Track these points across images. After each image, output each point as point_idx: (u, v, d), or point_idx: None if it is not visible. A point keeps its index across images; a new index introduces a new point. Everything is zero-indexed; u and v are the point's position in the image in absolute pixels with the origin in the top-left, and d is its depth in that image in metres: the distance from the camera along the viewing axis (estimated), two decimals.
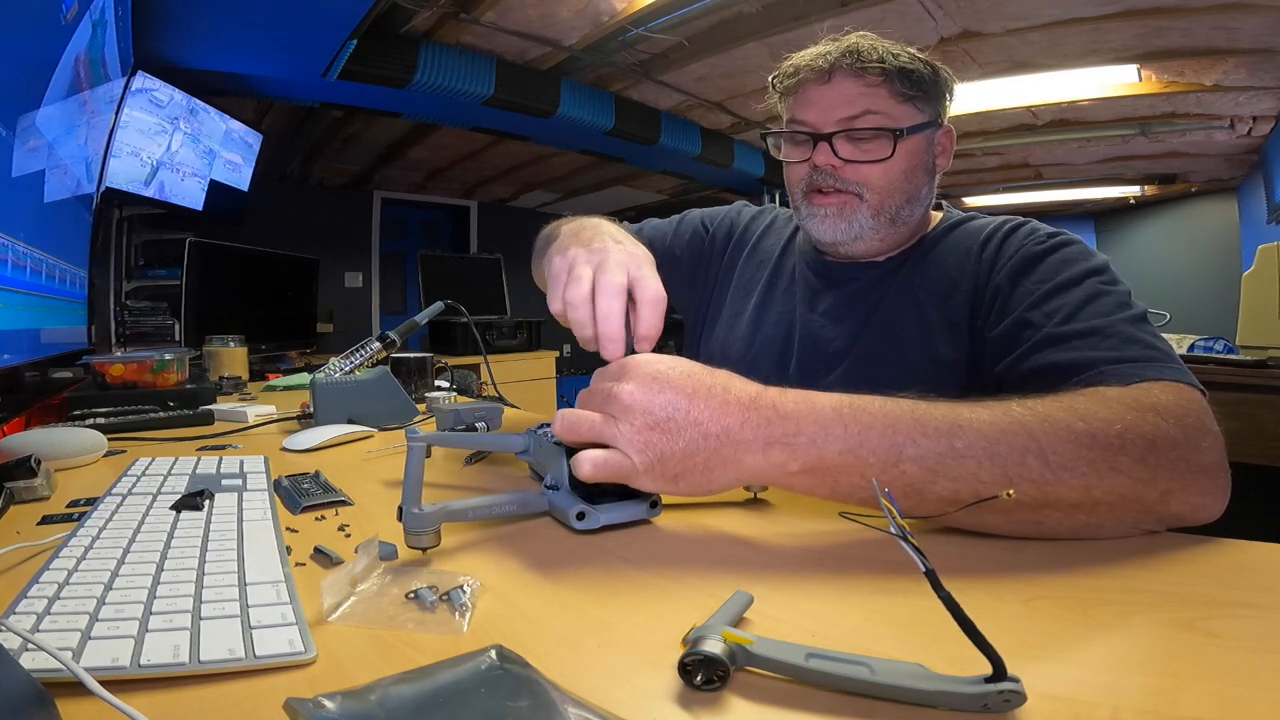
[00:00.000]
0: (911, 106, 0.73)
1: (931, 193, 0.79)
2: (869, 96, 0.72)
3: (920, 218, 0.79)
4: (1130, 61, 2.95)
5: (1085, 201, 5.65)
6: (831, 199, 0.75)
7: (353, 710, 0.24)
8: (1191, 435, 0.48)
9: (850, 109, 0.72)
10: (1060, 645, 0.33)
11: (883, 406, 0.45)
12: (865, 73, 0.71)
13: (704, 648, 0.29)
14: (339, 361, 1.10)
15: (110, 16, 1.48)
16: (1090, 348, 0.58)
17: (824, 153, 0.74)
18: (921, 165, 0.76)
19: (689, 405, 0.44)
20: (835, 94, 0.73)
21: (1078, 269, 0.66)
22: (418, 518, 0.45)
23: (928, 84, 0.73)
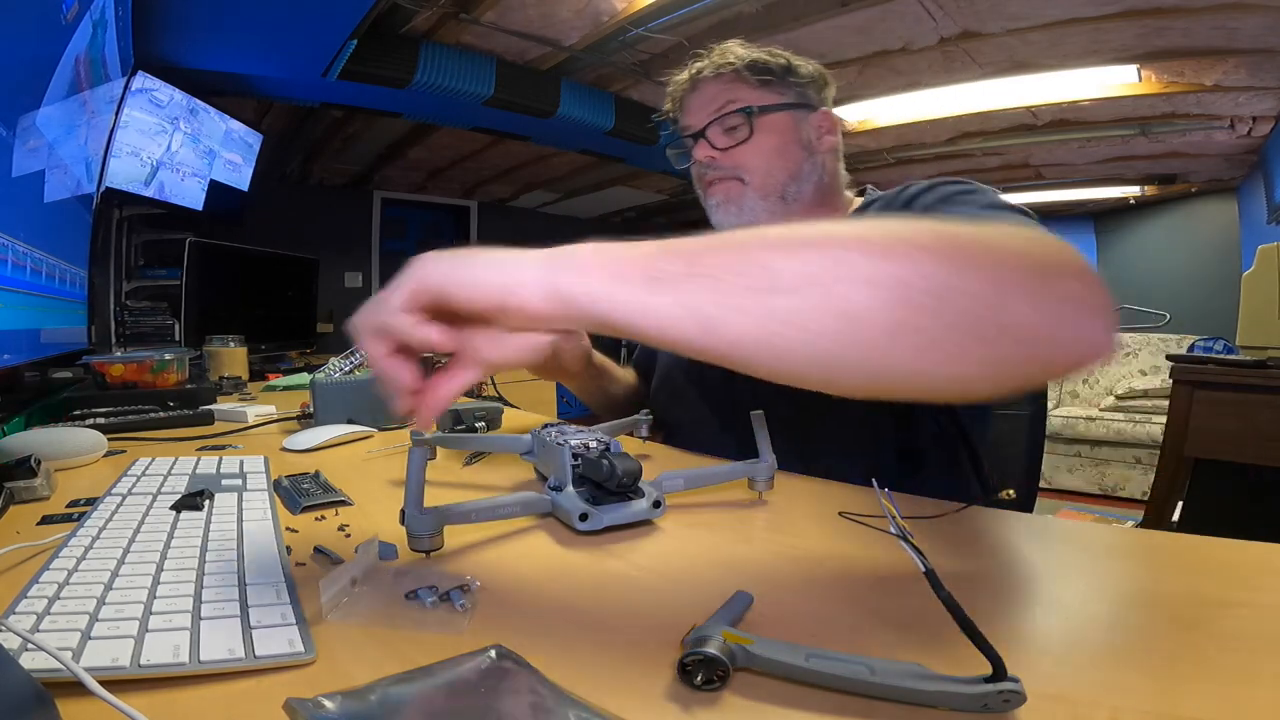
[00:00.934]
0: (769, 91, 0.81)
1: (822, 168, 0.83)
2: (727, 90, 0.81)
3: (817, 196, 0.82)
4: (1130, 61, 2.95)
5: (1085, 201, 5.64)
6: (718, 188, 0.81)
7: (353, 710, 0.24)
8: (1054, 249, 0.39)
9: (715, 104, 0.81)
10: (1060, 645, 0.33)
11: (697, 238, 0.37)
12: (721, 72, 0.81)
13: (704, 648, 0.29)
14: (339, 361, 1.10)
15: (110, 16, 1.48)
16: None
17: (701, 147, 0.82)
18: (794, 141, 0.81)
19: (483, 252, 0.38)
20: (702, 97, 0.83)
21: (968, 196, 0.67)
22: (420, 520, 0.45)
23: (779, 70, 0.81)
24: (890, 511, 0.29)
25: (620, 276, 0.35)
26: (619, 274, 0.35)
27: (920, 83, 3.27)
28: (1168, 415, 1.92)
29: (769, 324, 0.34)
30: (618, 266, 0.36)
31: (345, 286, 4.75)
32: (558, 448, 0.56)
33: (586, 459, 0.54)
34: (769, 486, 0.59)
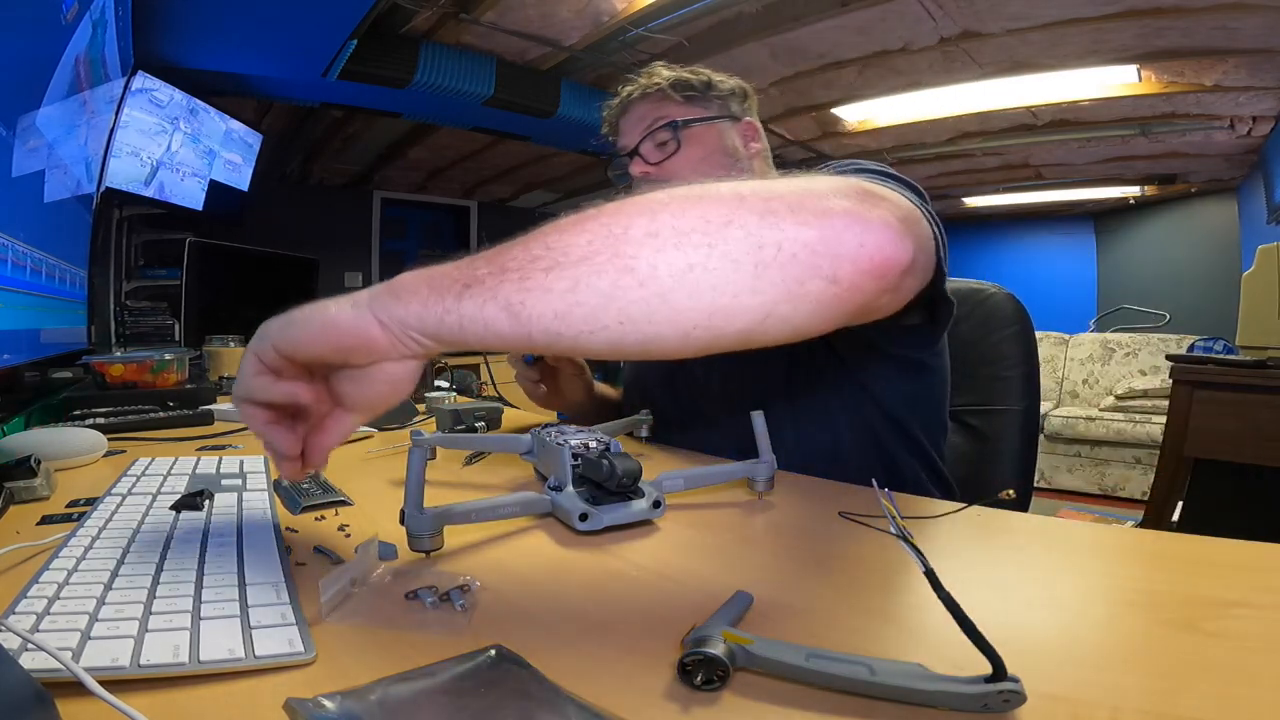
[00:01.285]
0: (693, 106, 0.86)
1: (750, 176, 0.87)
2: (656, 109, 0.86)
3: None
4: (1130, 62, 2.95)
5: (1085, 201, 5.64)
6: None
7: (353, 710, 0.24)
8: (837, 182, 0.40)
9: (644, 122, 0.86)
10: (1060, 645, 0.33)
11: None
12: (648, 92, 0.87)
13: (704, 648, 0.29)
14: None
15: (110, 16, 1.48)
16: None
17: (636, 164, 0.87)
18: (720, 150, 0.86)
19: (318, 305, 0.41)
20: (632, 117, 0.88)
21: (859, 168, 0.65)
22: (420, 520, 0.45)
23: (700, 87, 0.86)
24: (890, 511, 0.29)
25: (437, 291, 0.38)
26: (436, 290, 0.38)
27: (920, 83, 3.27)
28: (1168, 415, 1.92)
29: (568, 297, 0.35)
30: (434, 283, 0.38)
31: (345, 287, 4.74)
32: (557, 448, 0.56)
33: (586, 459, 0.54)
34: (769, 487, 0.59)
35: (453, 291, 0.37)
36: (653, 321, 0.36)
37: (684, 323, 0.36)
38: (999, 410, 0.98)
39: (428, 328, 0.38)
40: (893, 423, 0.78)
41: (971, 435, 1.01)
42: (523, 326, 0.36)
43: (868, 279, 0.38)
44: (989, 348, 1.01)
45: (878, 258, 0.38)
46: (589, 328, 0.36)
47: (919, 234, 0.42)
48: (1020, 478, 0.97)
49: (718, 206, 0.37)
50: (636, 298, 0.35)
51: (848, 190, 0.40)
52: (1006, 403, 0.98)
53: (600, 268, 0.35)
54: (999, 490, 0.94)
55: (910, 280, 0.42)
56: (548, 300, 0.36)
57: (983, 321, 1.02)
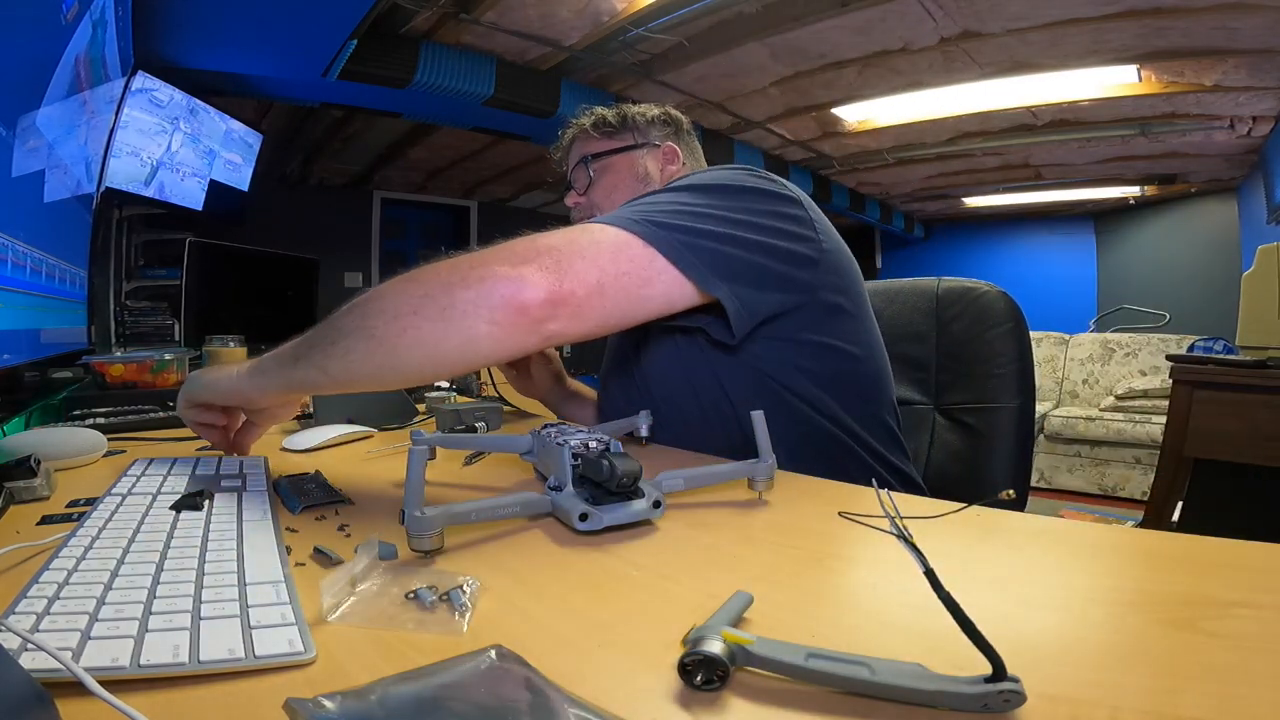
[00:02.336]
0: (609, 139, 0.98)
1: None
2: (581, 147, 1.00)
3: None
4: (1130, 62, 2.95)
5: (1085, 201, 5.64)
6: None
7: (353, 710, 0.24)
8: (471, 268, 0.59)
9: (572, 159, 1.01)
10: (1060, 645, 0.33)
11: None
12: (576, 136, 1.01)
13: (704, 648, 0.29)
14: None
15: (110, 16, 1.48)
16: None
17: (570, 196, 1.00)
18: (631, 175, 0.96)
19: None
20: (570, 157, 1.02)
21: (689, 181, 0.77)
22: (420, 521, 0.45)
23: (615, 122, 0.98)
24: (890, 511, 0.29)
25: (281, 365, 0.63)
26: (280, 364, 0.63)
27: (920, 83, 3.27)
28: (1167, 415, 1.92)
29: (348, 357, 0.59)
30: (279, 360, 0.63)
31: (345, 286, 4.75)
32: (558, 448, 0.56)
33: (586, 459, 0.54)
34: (769, 486, 0.59)
35: (288, 364, 0.62)
36: (396, 366, 0.58)
37: (415, 363, 0.58)
38: (993, 408, 0.99)
39: (279, 386, 0.64)
40: (800, 396, 0.79)
41: (966, 432, 1.01)
42: (330, 377, 0.60)
43: (514, 315, 0.58)
44: (982, 345, 1.01)
45: (514, 302, 0.58)
46: (364, 372, 0.59)
47: (567, 275, 0.60)
48: (1016, 474, 0.97)
49: (421, 285, 0.59)
50: (382, 351, 0.58)
51: (519, 253, 0.61)
52: (1001, 400, 0.98)
53: (358, 336, 0.58)
54: (995, 487, 0.94)
55: (564, 308, 0.60)
56: (337, 360, 0.59)
57: (976, 319, 1.02)
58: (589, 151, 0.98)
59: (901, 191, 5.72)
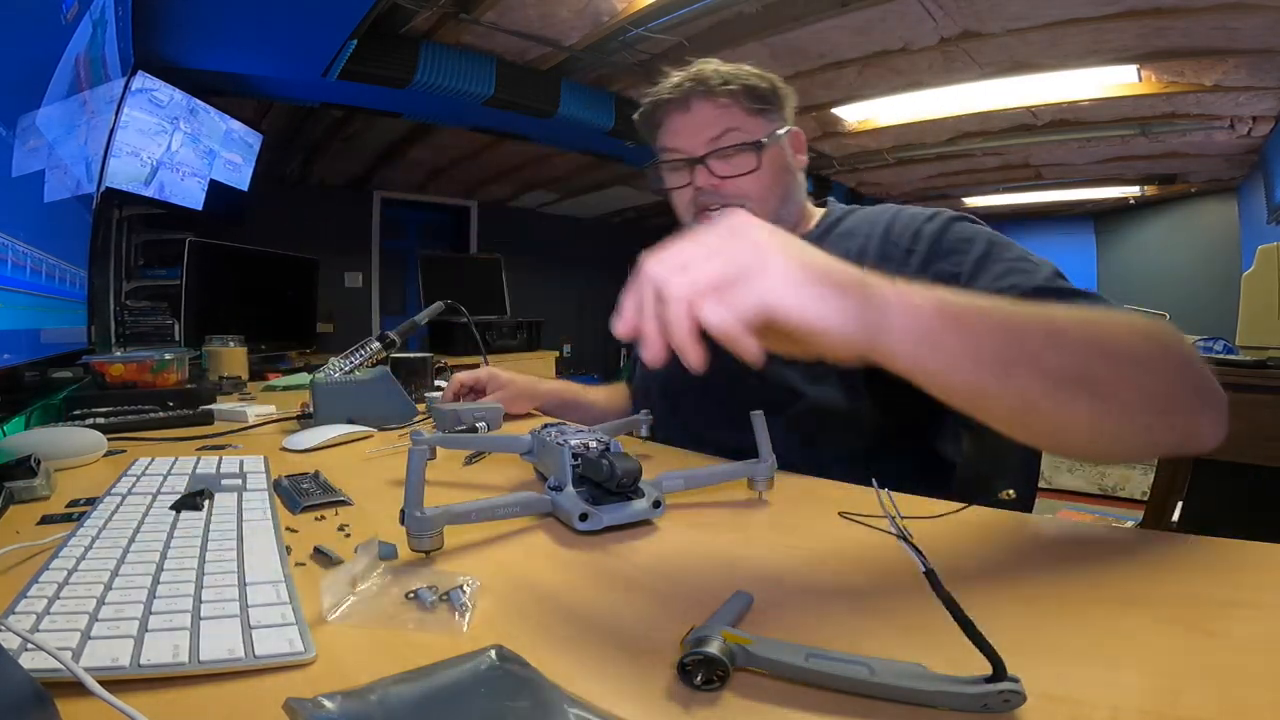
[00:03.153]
0: (762, 118, 0.82)
1: (801, 189, 0.87)
2: (726, 116, 0.80)
3: (795, 214, 0.86)
4: (1130, 62, 2.95)
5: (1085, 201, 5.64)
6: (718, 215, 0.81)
7: (353, 710, 0.24)
8: (1200, 359, 0.50)
9: (712, 130, 0.80)
10: (1060, 645, 0.33)
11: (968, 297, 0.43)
12: (717, 95, 0.80)
13: (704, 648, 0.29)
14: (339, 361, 1.10)
15: (110, 16, 1.48)
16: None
17: (702, 174, 0.81)
18: (784, 168, 0.84)
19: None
20: (697, 119, 0.81)
21: (981, 245, 0.70)
22: (420, 521, 0.45)
23: (770, 96, 0.82)
24: (890, 511, 0.29)
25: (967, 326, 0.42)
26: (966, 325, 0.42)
27: (920, 83, 3.27)
28: None
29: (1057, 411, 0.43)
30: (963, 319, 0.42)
31: (345, 287, 4.75)
32: (558, 448, 0.56)
33: (586, 459, 0.54)
34: (769, 486, 0.59)
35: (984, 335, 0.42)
36: (1059, 422, 0.44)
37: (1068, 430, 0.45)
38: None
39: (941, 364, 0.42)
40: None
41: (971, 434, 1.01)
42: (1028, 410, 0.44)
43: (1182, 444, 0.49)
44: None
45: (1208, 436, 0.48)
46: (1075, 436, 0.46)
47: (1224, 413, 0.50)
48: (1023, 477, 0.97)
49: (1161, 389, 0.46)
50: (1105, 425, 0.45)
51: (1209, 394, 0.49)
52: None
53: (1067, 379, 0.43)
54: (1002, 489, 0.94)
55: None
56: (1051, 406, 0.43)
57: None
58: (745, 129, 0.80)
59: (902, 191, 5.72)
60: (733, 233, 0.38)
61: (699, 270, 0.36)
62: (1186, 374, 0.48)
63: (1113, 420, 0.44)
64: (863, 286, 0.38)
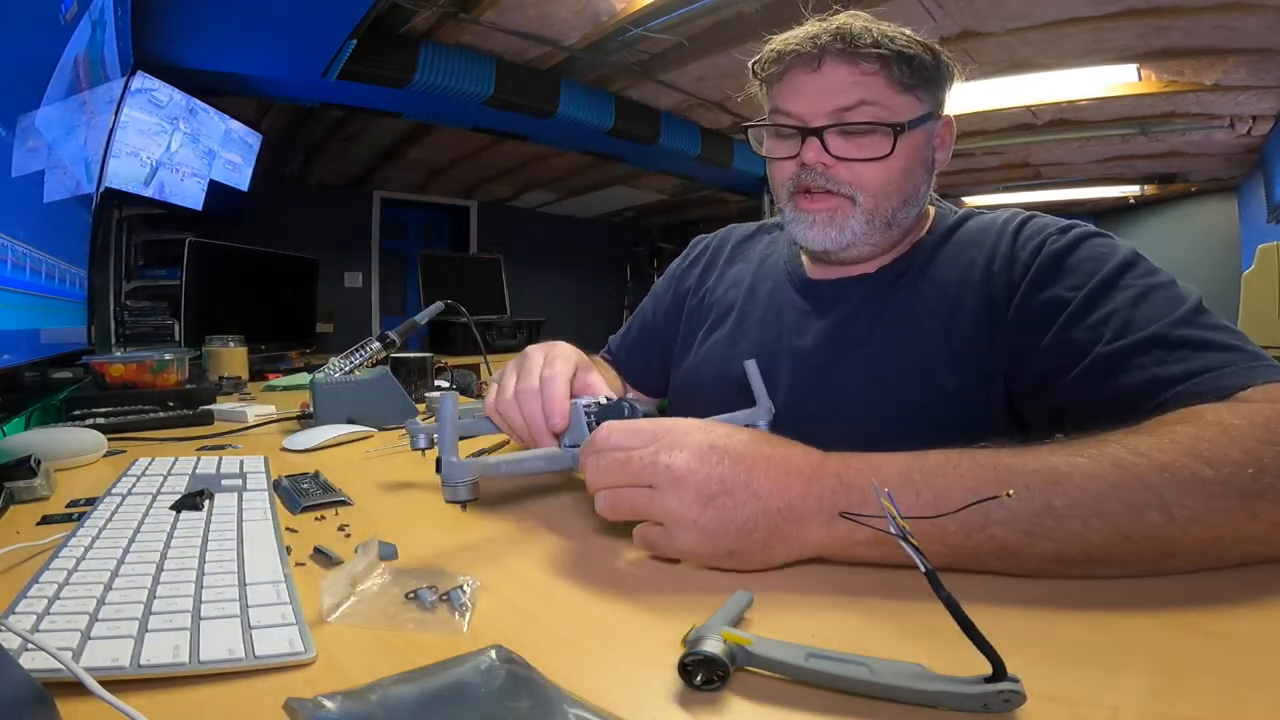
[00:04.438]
0: (911, 97, 0.65)
1: (929, 191, 0.73)
2: (865, 85, 0.64)
3: (916, 218, 0.72)
4: (1130, 61, 2.95)
5: (1085, 201, 5.64)
6: (821, 204, 0.68)
7: (353, 710, 0.24)
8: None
9: (844, 99, 0.64)
10: (1060, 645, 0.33)
11: (959, 466, 0.40)
12: (860, 58, 0.63)
13: (704, 648, 0.29)
14: (339, 361, 1.10)
15: (109, 16, 1.48)
16: (1158, 364, 0.51)
17: (814, 148, 0.65)
18: (921, 162, 0.69)
19: (748, 477, 0.41)
20: (826, 82, 0.65)
21: (1109, 266, 0.58)
22: (455, 467, 0.45)
23: (929, 71, 0.66)
24: (890, 511, 0.29)
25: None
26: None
27: None
28: None
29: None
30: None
31: (345, 286, 4.75)
32: (571, 405, 0.55)
33: (604, 408, 0.53)
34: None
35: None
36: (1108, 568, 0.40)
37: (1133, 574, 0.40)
38: None
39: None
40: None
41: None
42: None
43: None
44: None
45: None
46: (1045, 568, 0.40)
47: None
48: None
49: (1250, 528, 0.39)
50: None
51: None
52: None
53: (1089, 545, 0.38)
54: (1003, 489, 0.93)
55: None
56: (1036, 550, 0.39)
57: None
58: (897, 114, 0.64)
59: None
60: (655, 441, 0.43)
61: (614, 473, 0.43)
62: None
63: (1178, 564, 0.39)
64: (774, 523, 0.41)
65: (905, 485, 0.40)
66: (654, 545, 0.43)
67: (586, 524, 0.53)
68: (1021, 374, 0.62)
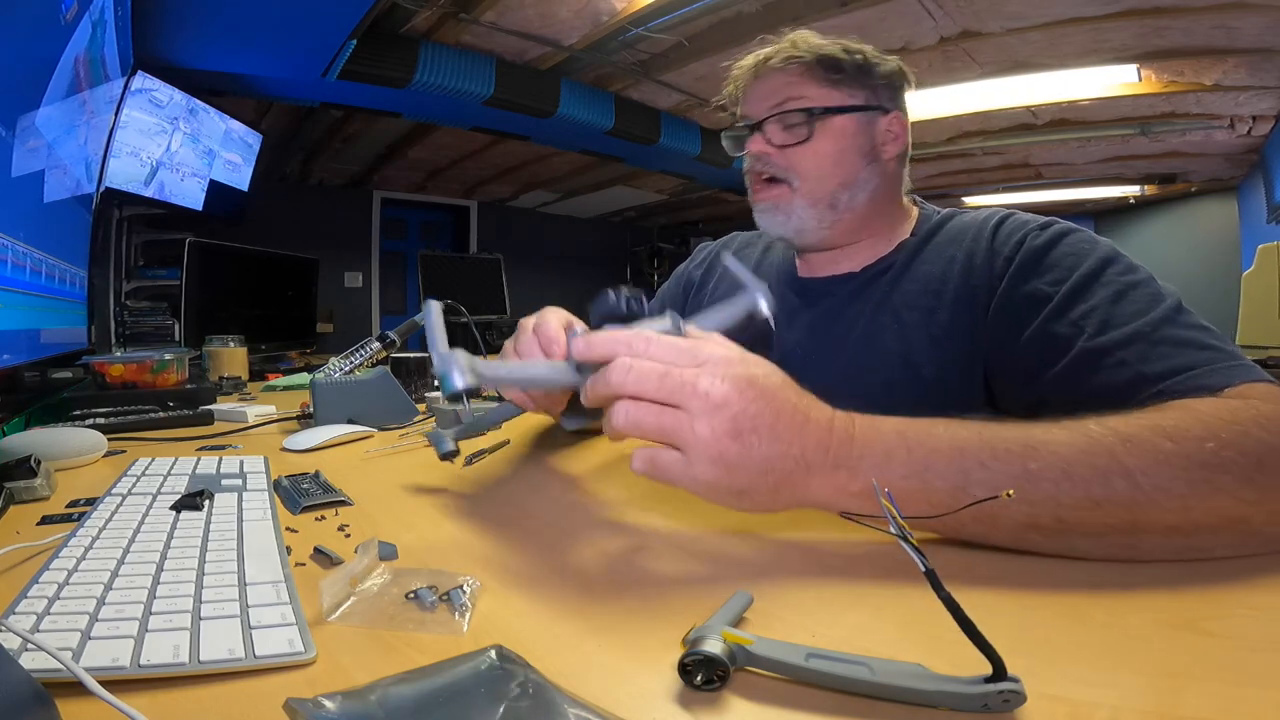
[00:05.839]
0: (837, 90, 0.75)
1: (881, 179, 0.77)
2: (794, 85, 0.75)
3: (870, 205, 0.77)
4: (1130, 61, 2.95)
5: (1085, 201, 5.65)
6: (768, 193, 0.77)
7: (353, 710, 0.24)
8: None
9: (777, 96, 0.76)
10: (1060, 645, 0.33)
11: (948, 429, 0.43)
12: (789, 64, 0.75)
13: (704, 648, 0.29)
14: (339, 361, 1.10)
15: (110, 16, 1.48)
16: (1141, 360, 0.53)
17: (757, 140, 0.76)
18: (854, 149, 0.75)
19: (774, 419, 0.40)
20: (765, 87, 0.77)
21: (1090, 262, 0.61)
22: (447, 358, 0.44)
23: (850, 68, 0.75)
24: (890, 511, 0.29)
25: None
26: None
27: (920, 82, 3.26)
28: None
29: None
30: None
31: (345, 286, 4.75)
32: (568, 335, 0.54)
33: (595, 303, 0.53)
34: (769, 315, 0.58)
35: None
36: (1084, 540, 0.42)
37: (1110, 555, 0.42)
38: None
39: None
40: None
41: None
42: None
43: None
44: None
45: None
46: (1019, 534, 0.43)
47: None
48: None
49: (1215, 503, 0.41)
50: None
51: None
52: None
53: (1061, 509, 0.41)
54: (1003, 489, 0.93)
55: None
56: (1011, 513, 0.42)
57: None
58: (811, 99, 0.74)
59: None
60: (697, 363, 0.41)
61: (646, 383, 0.40)
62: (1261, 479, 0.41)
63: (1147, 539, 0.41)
64: (788, 470, 0.41)
65: (899, 442, 0.42)
66: (666, 470, 0.41)
67: (587, 524, 0.53)
68: (1003, 366, 0.65)
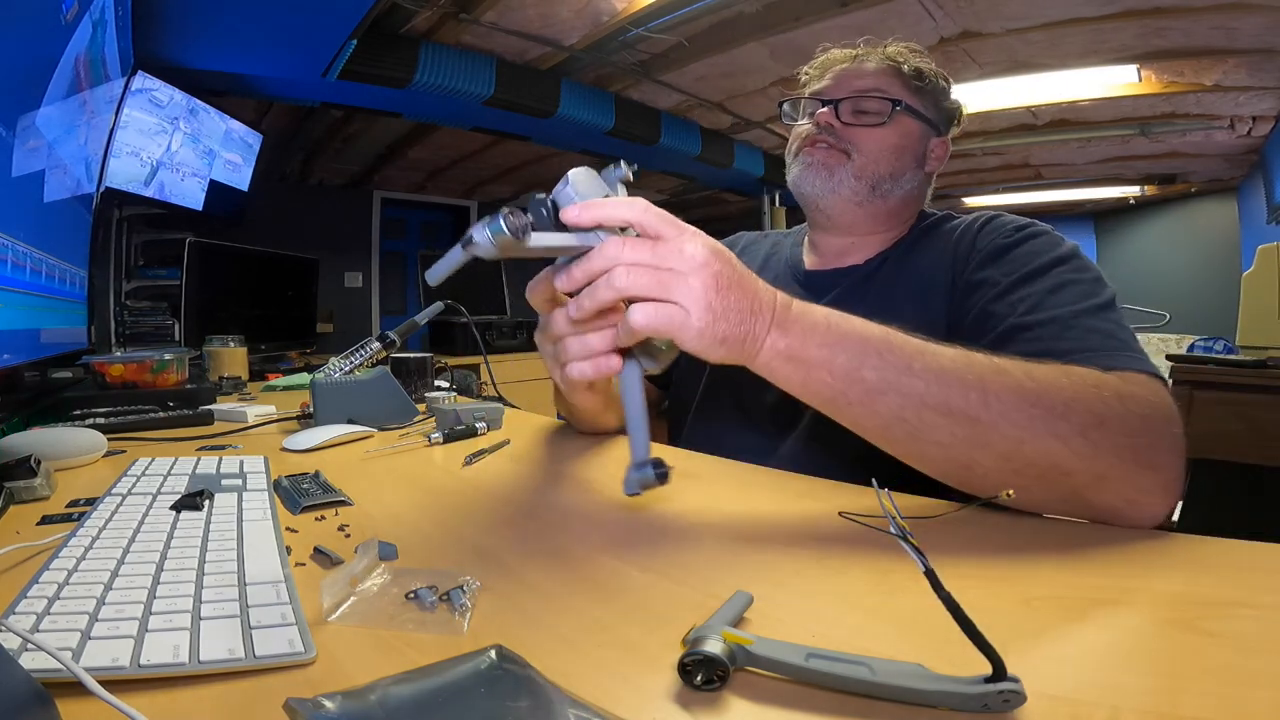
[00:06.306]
0: (916, 98, 0.81)
1: (916, 185, 0.84)
2: (883, 79, 0.81)
3: (898, 204, 0.83)
4: (1130, 61, 2.95)
5: (1085, 201, 5.64)
6: (820, 151, 0.81)
7: (353, 710, 0.24)
8: (1150, 427, 0.50)
9: (863, 83, 0.81)
10: (1060, 645, 0.33)
11: (864, 324, 0.50)
12: (884, 67, 0.82)
13: (704, 648, 0.29)
14: (339, 361, 1.10)
15: (110, 16, 1.48)
16: (1053, 338, 0.60)
17: (827, 114, 0.81)
18: (910, 149, 0.82)
19: (741, 279, 0.47)
20: (855, 74, 0.82)
21: (1044, 259, 0.68)
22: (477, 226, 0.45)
23: (933, 84, 0.82)
24: (890, 511, 0.29)
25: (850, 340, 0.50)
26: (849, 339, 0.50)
27: None
28: None
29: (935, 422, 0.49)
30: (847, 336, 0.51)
31: (345, 286, 4.75)
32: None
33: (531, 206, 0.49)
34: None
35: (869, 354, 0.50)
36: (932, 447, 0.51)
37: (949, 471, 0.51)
38: None
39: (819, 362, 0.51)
40: None
41: None
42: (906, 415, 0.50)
43: (1106, 517, 0.50)
44: None
45: (1135, 514, 0.50)
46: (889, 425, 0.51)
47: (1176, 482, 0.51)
48: None
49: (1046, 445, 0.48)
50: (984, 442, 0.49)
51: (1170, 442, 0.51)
52: None
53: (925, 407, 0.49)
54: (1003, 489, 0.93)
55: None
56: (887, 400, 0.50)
57: None
58: (901, 97, 0.81)
59: None
60: (679, 230, 0.47)
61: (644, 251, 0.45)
62: (1122, 444, 0.48)
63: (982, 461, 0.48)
64: (750, 323, 0.47)
65: (824, 320, 0.49)
66: (669, 318, 0.45)
67: (587, 524, 0.53)
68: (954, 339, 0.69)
